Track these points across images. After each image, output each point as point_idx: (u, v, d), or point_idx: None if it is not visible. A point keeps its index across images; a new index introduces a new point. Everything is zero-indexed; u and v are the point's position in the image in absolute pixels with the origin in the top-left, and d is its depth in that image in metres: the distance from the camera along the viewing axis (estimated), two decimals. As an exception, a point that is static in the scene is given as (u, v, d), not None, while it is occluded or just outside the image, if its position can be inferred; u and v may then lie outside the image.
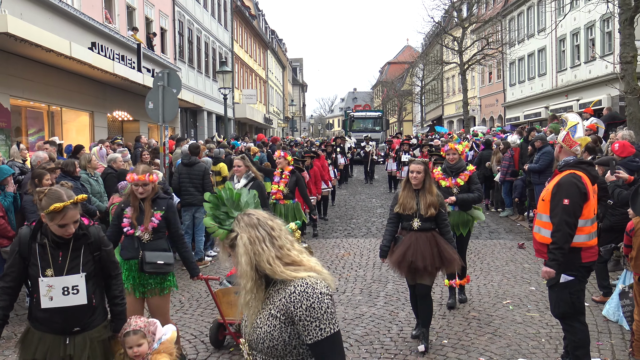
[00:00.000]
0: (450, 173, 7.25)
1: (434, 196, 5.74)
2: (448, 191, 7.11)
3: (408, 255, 5.63)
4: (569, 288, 4.73)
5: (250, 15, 45.10)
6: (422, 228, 5.75)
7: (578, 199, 4.63)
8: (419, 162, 5.80)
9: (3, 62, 13.16)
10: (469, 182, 7.19)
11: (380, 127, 40.64)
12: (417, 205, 5.74)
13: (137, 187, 5.21)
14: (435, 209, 5.71)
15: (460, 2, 35.33)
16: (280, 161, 9.78)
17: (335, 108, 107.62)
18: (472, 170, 7.25)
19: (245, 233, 2.31)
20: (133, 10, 21.70)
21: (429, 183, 5.79)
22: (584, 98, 26.90)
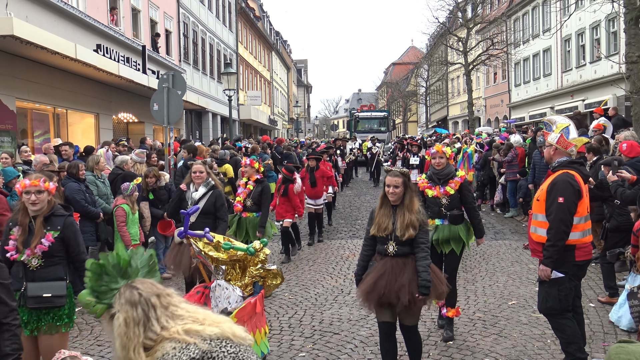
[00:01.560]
0: (437, 181, 6.18)
1: (414, 214, 4.72)
2: (435, 202, 6.16)
3: (379, 286, 4.70)
4: (558, 284, 4.82)
5: (255, 16, 45.16)
6: (398, 253, 4.75)
7: (573, 197, 4.73)
8: (397, 174, 4.75)
9: (9, 64, 13.22)
10: (461, 191, 6.15)
11: (386, 128, 40.22)
12: (394, 225, 4.74)
13: (29, 195, 4.27)
14: (415, 229, 4.68)
15: (465, 2, 35.29)
16: (246, 170, 8.58)
17: (340, 109, 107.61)
18: (463, 177, 6.21)
19: (123, 313, 2.10)
20: (138, 12, 21.76)
21: (410, 198, 4.77)
22: (589, 98, 26.82)
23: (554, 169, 4.91)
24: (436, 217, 6.15)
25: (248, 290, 5.23)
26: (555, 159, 4.94)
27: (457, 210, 6.16)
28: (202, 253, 5.24)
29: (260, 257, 5.28)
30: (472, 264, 9.57)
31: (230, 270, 5.35)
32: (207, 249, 5.25)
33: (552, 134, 4.96)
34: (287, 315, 7.13)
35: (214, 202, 6.75)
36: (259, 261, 5.29)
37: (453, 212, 6.13)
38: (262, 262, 5.30)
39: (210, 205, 6.74)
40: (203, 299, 5.19)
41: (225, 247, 5.18)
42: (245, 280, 5.27)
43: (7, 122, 13.07)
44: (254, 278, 5.26)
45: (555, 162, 4.93)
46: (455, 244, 6.13)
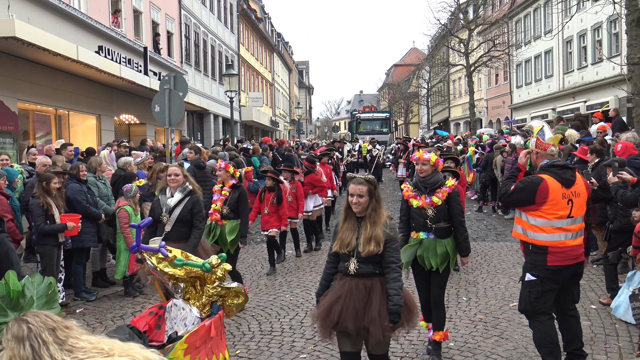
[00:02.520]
0: (423, 189, 5.57)
1: (380, 227, 4.17)
2: (420, 213, 5.56)
3: (334, 310, 4.14)
4: (529, 287, 4.89)
5: (257, 18, 45.20)
6: (360, 273, 4.19)
7: (521, 194, 4.86)
8: (361, 181, 4.22)
9: (11, 66, 13.24)
10: (449, 202, 5.54)
11: (388, 129, 40.00)
12: (358, 240, 4.20)
13: None
14: (379, 245, 4.11)
15: (467, 4, 35.28)
16: (220, 174, 7.78)
17: (342, 111, 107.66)
18: (452, 186, 5.56)
19: (8, 350, 1.91)
20: (140, 14, 21.79)
21: (376, 209, 4.23)
22: (591, 100, 26.80)
23: (537, 172, 5.00)
24: (421, 229, 5.58)
25: (206, 311, 4.76)
26: (538, 163, 5.01)
27: (444, 223, 5.54)
28: (157, 269, 4.85)
29: (217, 274, 4.80)
30: (473, 265, 9.56)
31: (189, 289, 4.91)
32: (162, 264, 4.85)
33: (530, 139, 5.07)
34: (288, 316, 7.13)
35: (190, 208, 6.18)
36: (216, 278, 4.79)
37: (439, 224, 5.52)
38: (219, 280, 4.80)
39: (186, 213, 6.17)
40: (155, 321, 4.80)
41: (178, 264, 4.76)
42: (202, 300, 4.81)
43: (9, 124, 13.10)
44: (211, 297, 4.77)
45: (538, 167, 5.01)
46: (441, 260, 5.51)
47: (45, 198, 7.23)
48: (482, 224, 13.64)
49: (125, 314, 7.43)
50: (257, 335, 6.46)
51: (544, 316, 4.91)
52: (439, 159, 5.62)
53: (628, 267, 8.01)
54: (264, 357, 5.84)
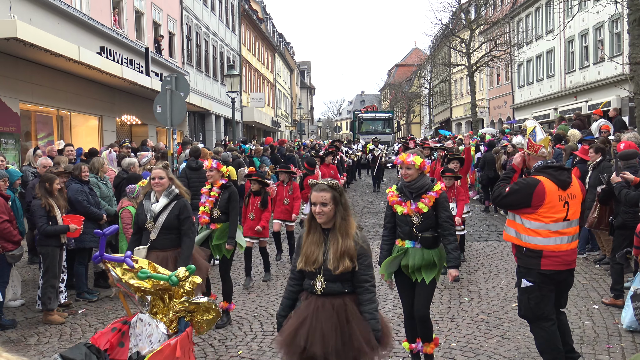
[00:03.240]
0: (408, 195, 5.12)
1: (350, 239, 3.73)
2: (405, 221, 5.10)
3: (300, 334, 3.72)
4: (528, 293, 4.80)
5: (258, 18, 45.23)
6: (328, 291, 3.77)
7: (516, 196, 4.76)
8: (324, 187, 3.77)
9: (12, 67, 13.27)
10: (436, 208, 5.07)
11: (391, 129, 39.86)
12: (325, 255, 3.76)
13: None
14: (352, 260, 3.70)
15: (468, 4, 35.27)
16: (211, 174, 7.17)
17: (344, 111, 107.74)
18: (439, 191, 5.07)
19: None
20: (141, 14, 21.82)
21: (345, 218, 3.78)
22: (593, 99, 26.78)
23: (530, 174, 4.90)
24: (406, 238, 5.12)
25: (173, 327, 4.42)
26: (531, 164, 4.92)
27: (431, 232, 5.09)
28: (122, 281, 4.54)
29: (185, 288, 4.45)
30: (475, 265, 9.55)
31: (157, 302, 4.55)
32: (127, 276, 4.52)
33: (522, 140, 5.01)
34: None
35: (177, 214, 5.68)
36: (184, 292, 4.44)
37: (425, 233, 5.06)
38: (187, 294, 4.45)
39: (173, 219, 5.67)
40: (118, 338, 4.48)
41: (142, 276, 4.42)
42: (169, 315, 4.46)
43: (11, 125, 13.12)
44: (179, 313, 4.43)
45: (532, 168, 4.90)
46: (428, 271, 5.07)
47: (47, 199, 7.23)
48: (484, 224, 13.63)
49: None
50: (259, 335, 6.46)
51: (546, 322, 4.80)
52: (424, 162, 5.11)
53: (631, 267, 7.99)
54: (265, 357, 5.83)
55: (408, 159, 5.05)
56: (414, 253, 5.09)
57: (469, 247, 10.89)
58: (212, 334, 6.53)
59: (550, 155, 5.05)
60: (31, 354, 6.02)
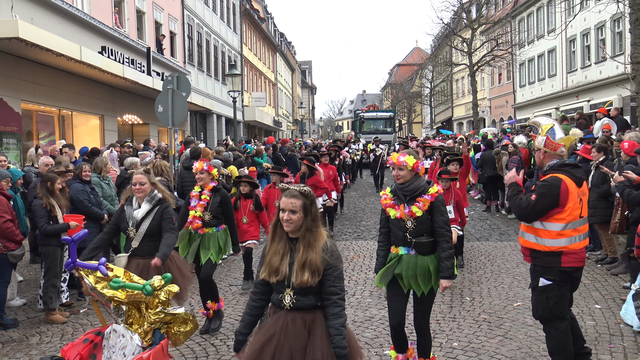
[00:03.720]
0: (402, 197, 4.82)
1: (316, 251, 3.43)
2: (399, 225, 4.81)
3: (267, 352, 3.46)
4: (546, 292, 4.71)
5: (259, 18, 45.24)
6: (298, 306, 3.48)
7: (546, 200, 4.57)
8: (295, 194, 3.50)
9: (14, 66, 13.28)
10: (431, 212, 4.76)
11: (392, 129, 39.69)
12: (291, 266, 3.47)
13: None
14: (315, 274, 3.40)
15: (470, 3, 35.24)
16: (202, 177, 6.76)
17: (345, 110, 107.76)
18: (435, 194, 4.77)
19: None
20: (143, 14, 21.83)
21: (312, 229, 3.49)
22: (594, 99, 26.76)
23: (545, 172, 4.77)
24: (400, 244, 4.83)
25: (148, 339, 4.19)
26: (546, 162, 4.80)
27: (426, 237, 4.78)
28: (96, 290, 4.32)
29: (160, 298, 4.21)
30: (477, 265, 9.54)
31: (133, 312, 4.29)
32: (100, 285, 4.30)
33: (538, 137, 4.82)
34: (291, 316, 7.11)
35: (159, 220, 5.46)
36: (159, 303, 4.19)
37: (420, 239, 4.76)
38: (162, 304, 4.21)
39: (156, 225, 5.44)
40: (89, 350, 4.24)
41: (114, 285, 4.19)
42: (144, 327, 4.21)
43: (12, 124, 13.13)
44: (154, 324, 4.19)
45: (546, 166, 4.79)
46: (423, 280, 4.76)
47: (48, 199, 7.23)
48: (486, 224, 13.63)
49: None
50: (261, 335, 6.45)
51: (562, 322, 4.75)
52: (418, 162, 4.76)
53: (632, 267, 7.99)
54: (267, 357, 5.83)
55: (399, 159, 4.74)
56: (408, 260, 4.78)
57: (470, 246, 10.88)
58: (214, 334, 6.53)
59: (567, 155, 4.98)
60: (33, 354, 6.02)
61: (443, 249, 4.76)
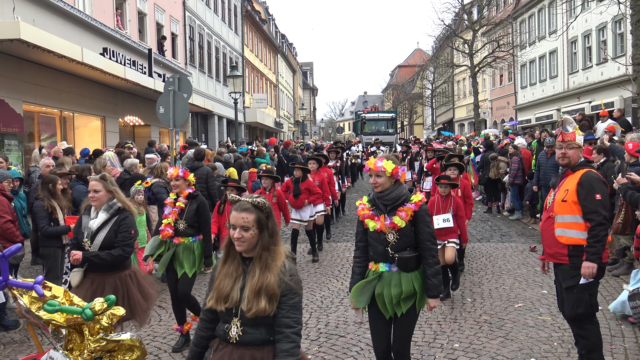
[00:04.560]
0: (382, 207, 4.33)
1: (272, 274, 2.90)
2: (379, 239, 4.30)
3: None
4: (589, 289, 4.73)
5: (261, 19, 45.27)
6: (247, 340, 2.93)
7: (607, 193, 4.72)
8: (247, 207, 2.96)
9: (16, 68, 13.29)
10: (415, 223, 4.28)
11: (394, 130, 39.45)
12: (242, 291, 2.94)
13: None
14: (272, 300, 2.87)
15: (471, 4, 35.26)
16: (177, 184, 6.28)
17: (346, 112, 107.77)
18: (418, 203, 4.28)
19: None
20: (144, 15, 21.85)
21: (269, 247, 2.97)
22: (596, 100, 26.74)
23: (575, 168, 4.82)
24: (381, 260, 4.32)
25: None
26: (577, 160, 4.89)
27: (410, 252, 4.29)
28: (31, 312, 3.93)
29: (102, 323, 3.74)
30: (478, 266, 9.54)
31: (74, 337, 3.83)
32: (35, 306, 3.88)
33: (577, 135, 4.85)
34: (292, 317, 7.10)
35: (117, 230, 4.98)
36: (100, 328, 3.73)
37: (403, 253, 4.26)
38: (104, 330, 3.74)
39: (112, 237, 4.96)
40: None
41: (48, 309, 3.72)
42: (84, 356, 3.74)
43: (14, 126, 13.14)
44: (94, 353, 3.70)
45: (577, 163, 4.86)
46: (406, 300, 4.26)
47: (50, 200, 7.22)
48: (487, 225, 13.62)
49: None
50: (262, 336, 6.44)
51: (594, 317, 4.83)
52: (397, 168, 4.30)
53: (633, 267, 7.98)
54: (268, 358, 5.82)
55: (377, 164, 4.27)
56: (390, 278, 4.27)
57: (471, 248, 10.86)
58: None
59: None
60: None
61: (429, 265, 4.26)
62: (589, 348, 4.79)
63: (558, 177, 5.14)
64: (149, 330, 6.87)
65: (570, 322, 4.99)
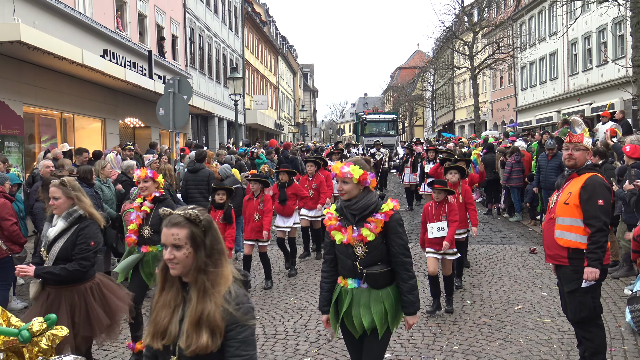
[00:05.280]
0: (350, 218, 3.91)
1: (214, 302, 2.42)
2: (347, 252, 3.89)
3: None
4: (591, 292, 4.72)
5: (261, 21, 45.30)
6: None
7: (610, 199, 4.70)
8: (177, 221, 2.49)
9: (16, 70, 13.30)
10: (386, 234, 3.84)
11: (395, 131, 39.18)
12: (181, 324, 2.48)
13: None
14: (215, 334, 2.40)
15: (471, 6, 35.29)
16: (146, 186, 5.87)
17: (346, 113, 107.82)
18: (389, 213, 3.84)
19: None
20: (144, 17, 21.87)
21: (206, 269, 2.48)
22: (596, 102, 26.76)
23: (581, 171, 4.81)
24: (349, 275, 3.92)
25: None
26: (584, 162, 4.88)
27: (381, 266, 3.87)
28: None
29: (41, 346, 3.35)
30: (478, 268, 9.54)
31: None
32: None
33: (585, 137, 4.84)
34: (292, 319, 7.12)
35: (74, 241, 4.53)
36: (39, 352, 3.35)
37: (373, 268, 3.84)
38: (44, 354, 3.36)
39: (70, 248, 4.52)
40: None
41: None
42: None
43: (14, 127, 13.15)
44: None
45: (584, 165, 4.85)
46: (380, 320, 3.86)
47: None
48: (487, 227, 13.61)
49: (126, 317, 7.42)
50: (262, 338, 6.46)
51: (600, 319, 4.83)
52: (366, 174, 3.85)
53: (633, 271, 7.98)
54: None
55: (342, 169, 3.83)
56: (359, 296, 3.86)
57: (471, 250, 10.85)
58: None
59: None
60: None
61: (403, 280, 3.87)
62: (593, 351, 4.79)
63: (564, 179, 5.13)
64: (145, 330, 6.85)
65: (575, 325, 4.98)
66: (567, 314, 4.99)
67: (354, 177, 3.81)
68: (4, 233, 6.87)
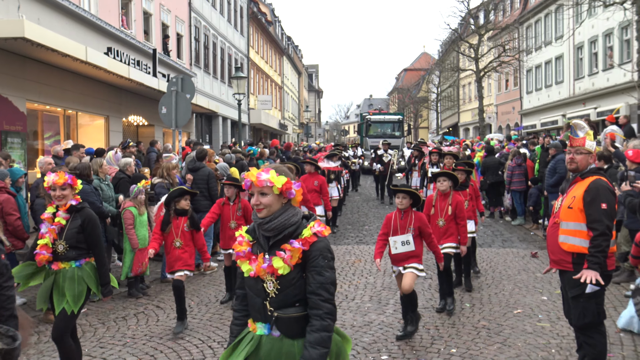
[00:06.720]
0: (263, 243, 3.02)
1: None
2: (255, 288, 2.99)
3: None
4: (595, 298, 4.67)
5: (267, 21, 45.33)
6: None
7: (614, 203, 4.66)
8: None
9: (20, 66, 13.32)
10: (306, 267, 2.92)
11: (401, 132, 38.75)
12: None
13: None
14: None
15: (477, 9, 35.24)
16: (65, 194, 5.12)
17: (351, 114, 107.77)
18: (310, 239, 2.91)
19: None
20: (149, 16, 21.89)
21: None
22: (601, 106, 26.67)
23: (584, 175, 4.77)
24: (259, 318, 3.02)
25: None
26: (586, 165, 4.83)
27: (298, 309, 2.95)
28: None
29: None
30: (478, 271, 9.50)
31: None
32: None
33: (587, 141, 4.79)
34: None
35: None
36: None
37: (286, 311, 2.93)
38: None
39: None
40: None
41: None
42: None
43: (17, 124, 13.17)
44: None
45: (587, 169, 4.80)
46: None
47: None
48: (489, 230, 13.56)
49: (127, 315, 7.43)
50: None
51: (602, 325, 4.79)
52: (290, 183, 2.97)
53: (634, 275, 7.94)
54: (264, 360, 5.78)
55: (260, 177, 2.93)
56: (270, 347, 2.95)
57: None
58: (212, 336, 6.52)
59: None
60: (30, 353, 6.02)
61: (313, 328, 2.87)
62: (593, 356, 4.76)
63: (567, 183, 5.10)
64: (145, 330, 6.87)
65: (578, 331, 4.94)
66: (570, 319, 4.95)
67: (275, 186, 2.92)
68: (7, 228, 6.89)
